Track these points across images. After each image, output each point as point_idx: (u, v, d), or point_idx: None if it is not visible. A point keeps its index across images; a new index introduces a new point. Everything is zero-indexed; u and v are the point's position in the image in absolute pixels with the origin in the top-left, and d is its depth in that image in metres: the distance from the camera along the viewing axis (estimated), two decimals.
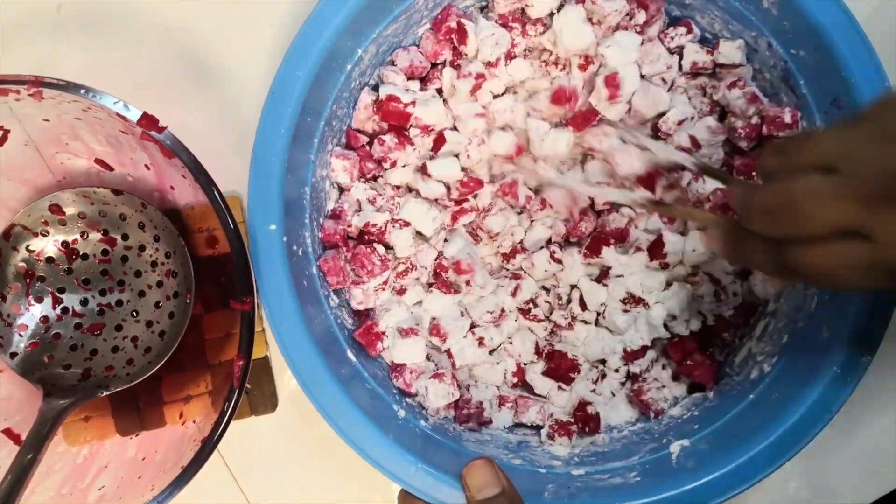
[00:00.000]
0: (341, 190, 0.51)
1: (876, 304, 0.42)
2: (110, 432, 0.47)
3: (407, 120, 0.49)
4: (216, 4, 0.55)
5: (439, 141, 0.50)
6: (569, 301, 0.52)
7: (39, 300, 0.45)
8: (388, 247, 0.50)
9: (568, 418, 0.49)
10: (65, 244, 0.46)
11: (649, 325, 0.50)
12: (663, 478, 0.43)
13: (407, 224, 0.49)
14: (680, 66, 0.51)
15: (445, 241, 0.51)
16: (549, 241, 0.52)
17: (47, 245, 0.45)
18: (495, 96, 0.51)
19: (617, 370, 0.51)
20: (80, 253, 0.46)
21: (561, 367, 0.50)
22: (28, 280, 0.45)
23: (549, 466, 0.46)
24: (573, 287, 0.52)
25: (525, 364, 0.51)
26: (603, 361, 0.52)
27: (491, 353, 0.51)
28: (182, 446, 0.42)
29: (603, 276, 0.51)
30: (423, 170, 0.50)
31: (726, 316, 0.50)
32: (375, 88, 0.50)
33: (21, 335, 0.44)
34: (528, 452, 0.47)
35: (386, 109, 0.48)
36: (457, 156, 0.50)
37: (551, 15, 0.50)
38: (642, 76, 0.51)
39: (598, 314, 0.51)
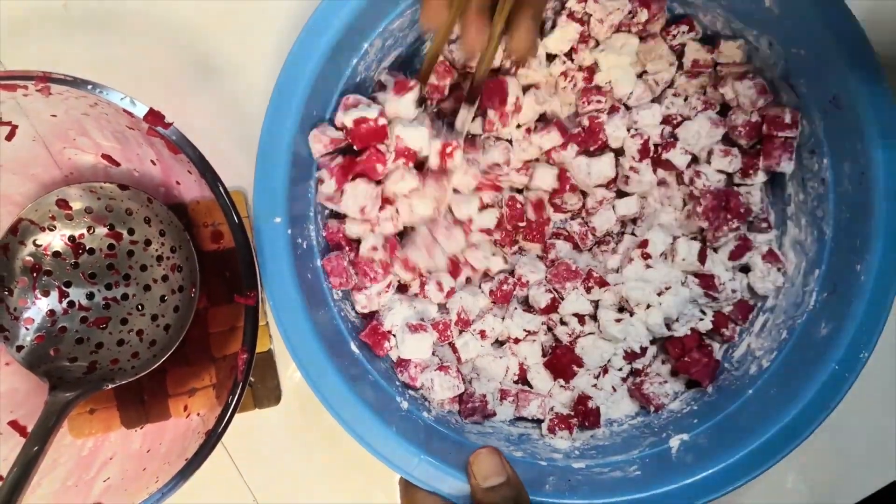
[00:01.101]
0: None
1: (874, 302, 0.43)
2: (115, 425, 0.47)
3: (384, 135, 0.46)
4: (222, 1, 0.55)
5: None
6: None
7: (46, 294, 0.45)
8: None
9: (568, 412, 0.50)
10: (71, 239, 0.46)
11: (648, 330, 0.51)
12: (663, 472, 0.44)
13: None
14: (681, 66, 0.51)
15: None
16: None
17: (54, 239, 0.46)
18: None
19: (620, 369, 0.52)
20: (87, 247, 0.46)
21: (563, 361, 0.50)
22: (35, 274, 0.45)
23: (549, 459, 0.46)
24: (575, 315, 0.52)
25: (529, 366, 0.52)
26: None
27: (494, 345, 0.52)
28: (186, 439, 0.42)
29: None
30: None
31: (726, 312, 0.51)
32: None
33: (27, 328, 0.45)
34: (530, 445, 0.48)
35: (358, 133, 0.45)
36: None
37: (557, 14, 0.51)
38: (644, 74, 0.51)
39: (597, 326, 0.52)
